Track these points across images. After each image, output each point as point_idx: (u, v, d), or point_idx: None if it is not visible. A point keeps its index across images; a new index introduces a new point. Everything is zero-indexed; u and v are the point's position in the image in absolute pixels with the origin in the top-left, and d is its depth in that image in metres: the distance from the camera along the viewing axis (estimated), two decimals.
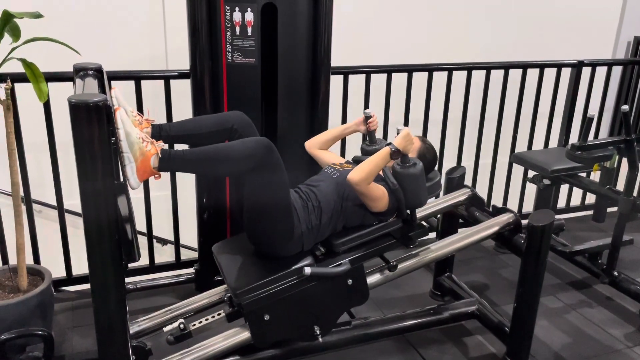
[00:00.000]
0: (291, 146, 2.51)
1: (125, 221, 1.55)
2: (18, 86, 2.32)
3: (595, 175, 3.16)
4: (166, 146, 1.81)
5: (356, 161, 2.27)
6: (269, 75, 2.44)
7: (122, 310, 1.66)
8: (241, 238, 2.17)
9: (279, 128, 2.50)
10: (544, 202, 3.40)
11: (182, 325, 1.97)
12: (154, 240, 2.99)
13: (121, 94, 1.87)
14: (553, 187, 3.29)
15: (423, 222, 2.31)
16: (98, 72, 1.95)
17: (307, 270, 1.92)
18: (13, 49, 2.09)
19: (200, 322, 2.03)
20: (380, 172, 2.07)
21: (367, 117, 2.29)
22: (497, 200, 3.58)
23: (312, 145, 2.37)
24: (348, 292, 2.07)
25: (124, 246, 1.58)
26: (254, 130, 2.05)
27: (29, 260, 2.44)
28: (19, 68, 2.10)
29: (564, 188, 3.66)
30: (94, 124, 1.43)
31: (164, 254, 3.83)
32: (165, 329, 2.00)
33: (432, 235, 2.67)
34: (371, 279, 2.19)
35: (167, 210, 2.85)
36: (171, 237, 3.01)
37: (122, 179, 1.58)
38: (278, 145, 2.48)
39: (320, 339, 2.05)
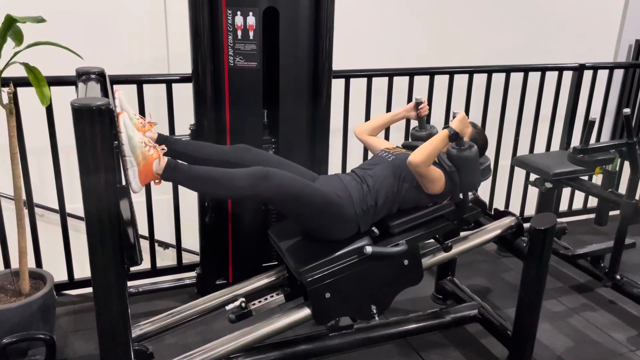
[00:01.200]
0: (293, 148, 2.51)
1: (127, 225, 1.56)
2: (20, 90, 2.34)
3: (597, 179, 3.15)
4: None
5: (406, 146, 2.32)
6: (271, 79, 2.45)
7: (124, 314, 1.66)
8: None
9: (280, 131, 2.50)
10: (546, 205, 3.41)
11: (243, 304, 2.02)
12: (156, 244, 2.99)
13: (124, 97, 1.88)
14: (555, 190, 3.29)
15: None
16: (100, 76, 1.96)
17: (369, 249, 1.96)
18: (16, 53, 2.09)
19: (260, 301, 2.09)
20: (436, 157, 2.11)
21: (418, 103, 2.33)
22: (499, 204, 3.57)
23: (363, 131, 2.40)
24: (404, 272, 2.11)
25: (126, 250, 1.58)
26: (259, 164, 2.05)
27: (31, 264, 2.44)
28: (21, 72, 2.11)
29: (566, 191, 3.66)
30: (96, 128, 1.43)
31: (166, 258, 3.82)
32: (227, 307, 2.04)
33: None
34: (425, 260, 2.22)
35: (169, 213, 2.85)
36: (173, 241, 3.02)
37: (124, 183, 1.58)
38: (280, 147, 2.51)
39: (376, 318, 2.09)
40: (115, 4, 3.47)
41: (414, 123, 2.46)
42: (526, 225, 2.23)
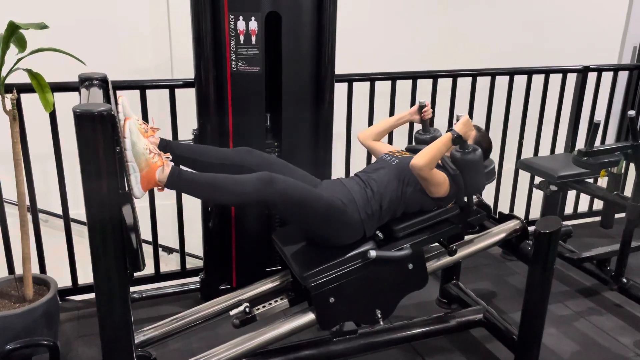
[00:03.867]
0: (296, 153, 2.51)
1: (129, 230, 1.55)
2: (24, 96, 2.34)
3: (603, 181, 3.13)
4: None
5: (410, 150, 2.31)
6: (274, 83, 2.45)
7: (127, 320, 1.65)
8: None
9: (283, 135, 2.50)
10: (551, 208, 3.38)
11: (247, 309, 2.02)
12: (160, 249, 2.99)
13: (128, 102, 1.88)
14: (560, 193, 3.26)
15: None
16: (103, 82, 1.96)
17: (372, 253, 1.95)
18: (19, 60, 2.10)
19: (264, 306, 2.09)
20: (439, 160, 2.10)
21: (422, 106, 2.33)
22: (503, 207, 3.56)
23: (366, 136, 2.40)
24: (408, 276, 2.10)
25: (128, 255, 1.58)
26: (261, 167, 2.04)
27: (35, 269, 2.44)
28: (25, 79, 2.11)
29: (571, 194, 3.64)
30: (98, 134, 1.43)
31: (170, 263, 3.82)
32: (232, 312, 2.04)
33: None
34: (430, 264, 2.21)
35: (174, 218, 2.85)
36: (177, 246, 3.01)
37: (126, 188, 1.58)
38: (283, 151, 2.51)
39: (381, 323, 2.07)
40: (119, 11, 3.49)
41: (417, 126, 2.45)
42: (531, 228, 2.21)
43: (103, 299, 1.59)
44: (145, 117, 2.61)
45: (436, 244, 2.24)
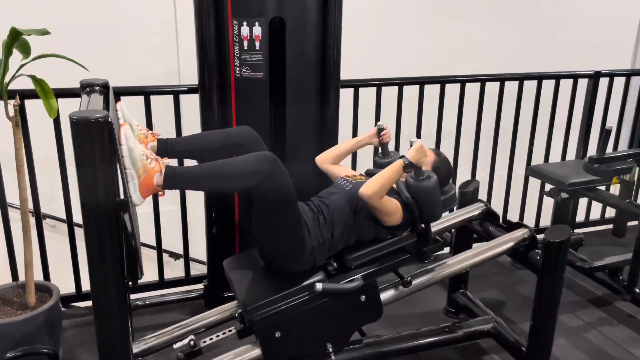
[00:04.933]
0: (300, 160, 2.48)
1: (127, 238, 1.53)
2: (28, 102, 2.34)
3: (615, 189, 3.07)
4: (172, 162, 1.79)
5: (369, 174, 2.22)
6: (278, 88, 2.42)
7: (125, 329, 1.63)
8: (252, 253, 2.13)
9: (287, 142, 2.47)
10: (562, 216, 3.32)
11: (192, 342, 1.94)
12: (167, 255, 2.97)
13: (127, 108, 1.86)
14: (571, 201, 3.21)
15: (437, 237, 2.26)
16: (104, 88, 1.95)
17: (319, 286, 1.88)
18: (22, 66, 2.09)
19: (211, 338, 1.99)
20: (394, 185, 2.02)
21: (380, 130, 2.25)
22: (513, 215, 3.51)
23: (324, 160, 2.32)
24: (361, 308, 2.02)
25: (126, 264, 1.56)
26: (261, 145, 2.02)
27: (39, 276, 2.43)
28: (28, 84, 2.11)
29: (583, 201, 3.57)
30: (95, 141, 1.42)
31: (177, 269, 3.81)
32: (175, 345, 1.97)
33: (446, 250, 2.61)
34: (385, 295, 2.13)
35: (180, 223, 2.83)
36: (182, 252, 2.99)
37: (124, 196, 1.55)
38: (287, 159, 2.47)
39: (332, 357, 1.99)
40: (127, 17, 3.50)
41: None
42: (540, 236, 2.16)
43: (100, 307, 1.57)
44: (149, 124, 2.60)
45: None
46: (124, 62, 3.46)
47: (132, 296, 2.68)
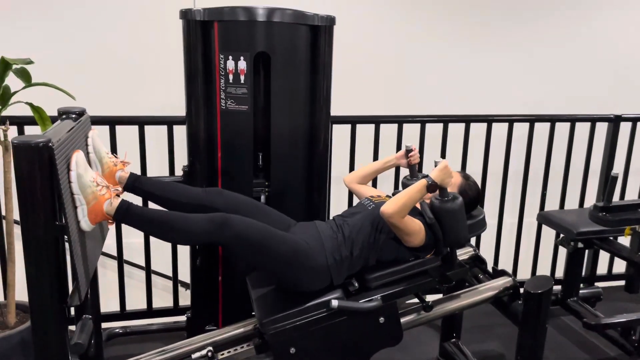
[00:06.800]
0: (287, 194, 2.46)
1: (65, 263, 1.54)
2: (27, 128, 2.45)
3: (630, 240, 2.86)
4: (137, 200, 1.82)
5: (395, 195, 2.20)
6: (266, 122, 2.43)
7: (63, 349, 1.62)
8: None
9: (272, 175, 2.46)
10: (576, 266, 3.11)
11: (210, 354, 1.94)
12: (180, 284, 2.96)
13: (97, 135, 1.91)
14: (585, 250, 3.01)
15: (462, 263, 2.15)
16: (79, 115, 2.00)
17: (335, 303, 1.85)
18: (14, 93, 2.21)
19: (229, 351, 1.99)
20: (418, 206, 1.98)
21: (408, 151, 2.23)
22: (526, 264, 3.34)
23: (352, 180, 2.34)
24: (379, 330, 1.96)
25: (66, 288, 1.56)
26: (237, 208, 1.99)
27: (22, 296, 2.48)
28: (27, 111, 2.21)
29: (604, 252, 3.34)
30: (34, 165, 1.45)
31: (188, 298, 3.79)
32: (194, 356, 1.96)
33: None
34: (405, 319, 2.06)
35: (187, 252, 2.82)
36: (184, 278, 2.99)
37: (66, 220, 1.57)
38: (272, 192, 2.45)
39: None
40: (141, 49, 3.55)
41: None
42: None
43: (38, 332, 1.57)
44: (143, 154, 2.66)
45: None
46: (136, 94, 3.49)
47: (116, 324, 2.69)
